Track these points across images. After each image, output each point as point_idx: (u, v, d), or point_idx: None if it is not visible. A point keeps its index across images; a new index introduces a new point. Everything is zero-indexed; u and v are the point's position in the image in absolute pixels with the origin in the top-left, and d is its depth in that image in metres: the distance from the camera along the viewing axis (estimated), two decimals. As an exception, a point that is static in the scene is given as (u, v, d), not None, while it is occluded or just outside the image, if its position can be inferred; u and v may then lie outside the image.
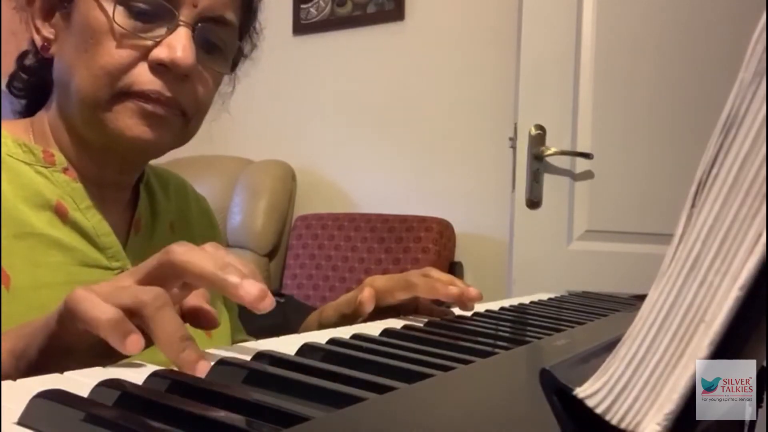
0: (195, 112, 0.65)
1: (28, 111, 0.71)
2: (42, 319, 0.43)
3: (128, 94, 0.60)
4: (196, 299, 0.47)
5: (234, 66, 0.71)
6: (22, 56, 0.71)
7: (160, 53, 0.60)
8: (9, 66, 0.72)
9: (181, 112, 0.63)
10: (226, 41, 0.66)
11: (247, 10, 0.70)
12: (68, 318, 0.41)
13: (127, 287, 0.42)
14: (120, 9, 0.60)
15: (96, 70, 0.60)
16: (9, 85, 0.72)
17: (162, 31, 0.61)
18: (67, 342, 0.42)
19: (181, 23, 0.61)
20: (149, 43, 0.60)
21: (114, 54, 0.60)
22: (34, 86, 0.70)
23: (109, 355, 0.40)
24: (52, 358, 0.42)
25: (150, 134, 0.62)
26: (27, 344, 0.43)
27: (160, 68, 0.61)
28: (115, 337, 0.39)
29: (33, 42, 0.66)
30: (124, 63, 0.60)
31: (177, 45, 0.60)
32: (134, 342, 0.39)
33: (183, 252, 0.43)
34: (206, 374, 0.37)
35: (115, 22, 0.59)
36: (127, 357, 0.40)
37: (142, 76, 0.60)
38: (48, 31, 0.64)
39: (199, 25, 0.62)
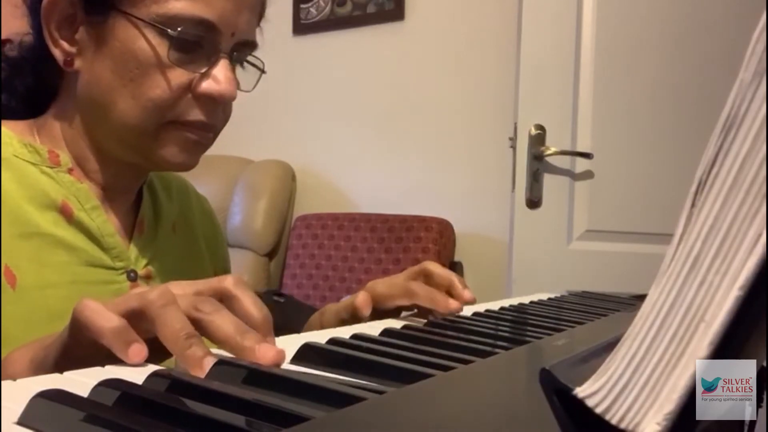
0: (221, 128, 0.68)
1: (28, 112, 0.70)
2: (60, 331, 0.44)
3: (174, 123, 0.62)
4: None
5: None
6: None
7: (208, 87, 0.62)
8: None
9: (213, 133, 0.66)
10: (249, 58, 0.68)
11: (259, 21, 0.71)
12: (76, 328, 0.41)
13: (138, 292, 0.42)
14: (165, 41, 0.60)
15: (144, 102, 0.61)
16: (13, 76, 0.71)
17: (204, 62, 0.62)
18: (78, 354, 0.42)
19: (223, 55, 0.62)
20: (195, 75, 0.61)
21: (164, 87, 0.61)
22: (35, 87, 0.70)
23: None
24: (69, 369, 0.42)
25: (190, 159, 0.65)
26: (46, 355, 0.44)
27: (206, 99, 0.62)
28: (117, 346, 0.39)
29: (40, 39, 0.64)
30: (173, 97, 0.61)
31: (221, 77, 0.62)
32: (137, 351, 0.39)
33: (208, 313, 0.42)
34: (206, 374, 0.37)
35: (166, 57, 0.60)
36: None
37: (190, 108, 0.62)
38: (69, 46, 0.63)
39: (235, 53, 0.64)
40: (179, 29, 0.59)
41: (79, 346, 0.41)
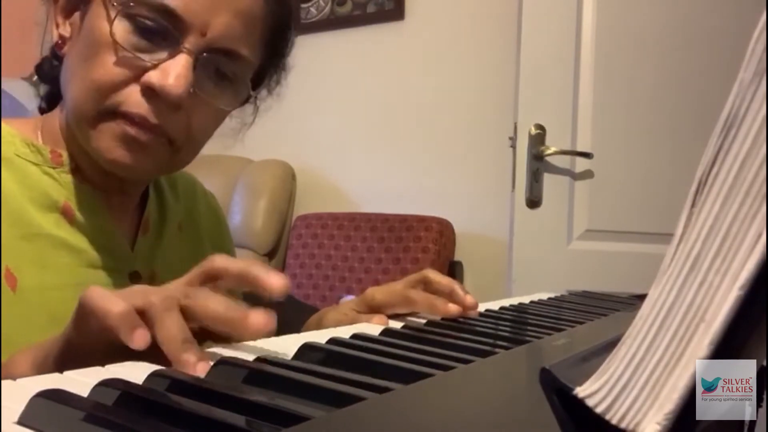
0: (185, 143, 0.62)
1: (49, 107, 0.70)
2: (61, 331, 0.44)
3: (114, 113, 0.58)
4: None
5: (245, 101, 0.69)
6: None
7: (151, 77, 0.57)
8: (26, 60, 0.71)
9: (167, 140, 0.60)
10: (238, 75, 0.63)
11: (271, 50, 0.67)
12: (82, 315, 0.41)
13: (141, 290, 0.43)
14: (125, 24, 0.57)
15: (88, 83, 0.58)
16: (38, 70, 0.70)
17: (163, 54, 0.58)
18: (82, 344, 0.42)
19: (184, 50, 0.58)
20: (147, 64, 0.57)
21: (108, 69, 0.57)
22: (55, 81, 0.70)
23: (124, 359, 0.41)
24: (69, 367, 0.42)
25: (129, 159, 0.59)
26: (46, 355, 0.44)
27: (150, 92, 0.57)
28: (123, 328, 0.39)
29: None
30: (116, 81, 0.57)
31: (171, 72, 0.57)
32: (141, 336, 0.39)
33: (198, 299, 0.43)
34: (206, 374, 0.37)
35: (113, 37, 0.57)
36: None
37: (131, 98, 0.58)
38: (65, 30, 0.63)
39: (205, 54, 0.59)
40: (133, 10, 0.56)
41: (82, 335, 0.41)
